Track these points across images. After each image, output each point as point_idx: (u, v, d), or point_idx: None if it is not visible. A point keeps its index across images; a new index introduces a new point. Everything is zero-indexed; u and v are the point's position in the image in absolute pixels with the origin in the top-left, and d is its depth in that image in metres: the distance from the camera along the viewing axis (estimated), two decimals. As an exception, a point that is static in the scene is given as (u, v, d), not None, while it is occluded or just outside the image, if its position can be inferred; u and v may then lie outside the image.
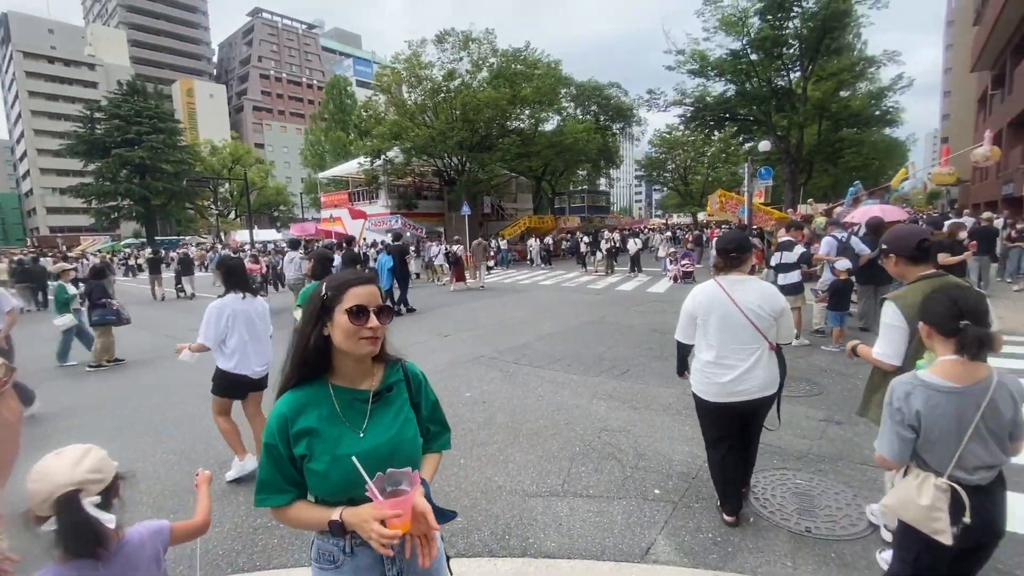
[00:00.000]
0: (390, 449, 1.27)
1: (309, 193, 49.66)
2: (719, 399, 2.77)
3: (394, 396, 1.35)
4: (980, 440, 1.63)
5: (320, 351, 1.26)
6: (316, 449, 1.22)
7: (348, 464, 1.18)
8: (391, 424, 1.30)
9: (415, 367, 1.46)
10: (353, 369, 1.30)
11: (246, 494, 3.49)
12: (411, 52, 25.31)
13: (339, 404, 1.26)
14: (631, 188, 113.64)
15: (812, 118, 24.27)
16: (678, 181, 45.27)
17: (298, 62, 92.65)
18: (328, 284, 1.28)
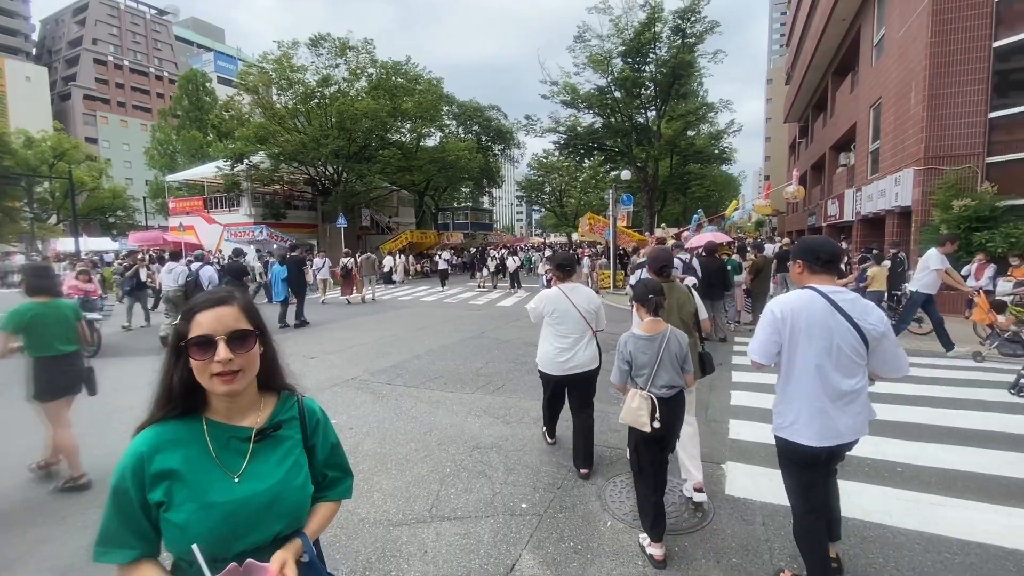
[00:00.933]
0: (271, 498, 1.09)
1: (155, 198, 43.60)
2: (562, 374, 3.79)
3: (283, 435, 1.16)
4: (663, 368, 2.73)
5: (187, 386, 1.07)
6: (177, 496, 1.02)
7: (217, 515, 1.02)
8: (275, 468, 1.12)
9: (313, 403, 1.28)
10: (228, 404, 1.11)
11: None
12: (281, 53, 23.72)
13: (213, 443, 1.08)
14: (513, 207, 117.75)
15: (665, 152, 27.38)
16: (554, 203, 47.99)
17: (145, 50, 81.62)
18: (184, 309, 1.11)
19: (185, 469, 1.05)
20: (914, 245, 12.12)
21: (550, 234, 65.67)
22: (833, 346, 2.23)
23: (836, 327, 2.23)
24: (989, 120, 11.29)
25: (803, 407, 2.30)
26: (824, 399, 2.27)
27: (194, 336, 1.05)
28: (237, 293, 1.17)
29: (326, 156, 23.23)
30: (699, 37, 23.54)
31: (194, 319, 1.07)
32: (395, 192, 31.21)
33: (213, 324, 1.06)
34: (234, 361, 1.06)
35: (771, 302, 2.47)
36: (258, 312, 1.18)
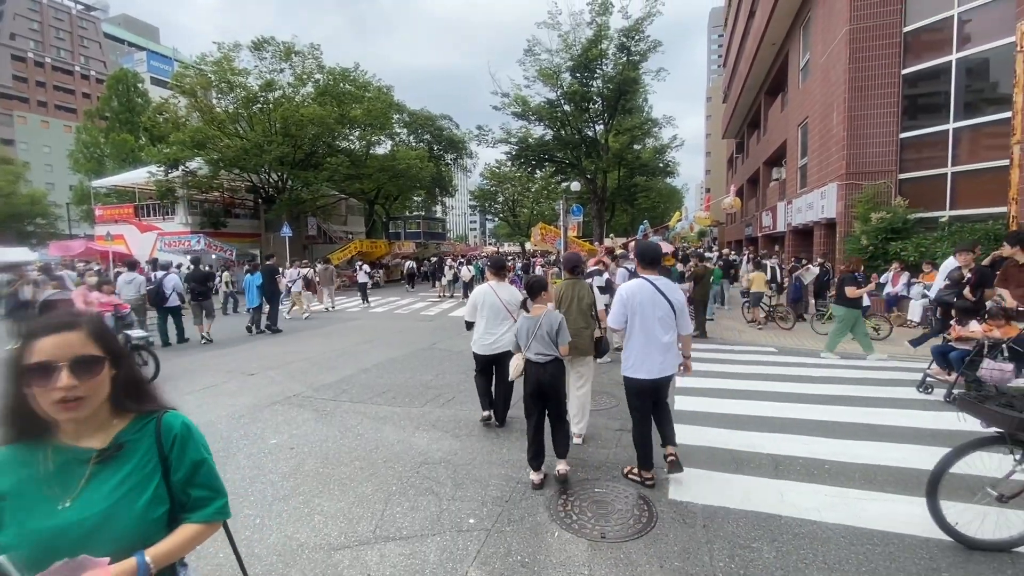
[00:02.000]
0: (98, 523, 1.04)
1: (80, 204, 40.49)
2: (487, 353, 4.83)
3: (125, 456, 1.12)
4: (539, 340, 3.68)
5: (25, 410, 1.03)
6: (4, 518, 1.01)
7: (36, 540, 0.99)
8: (111, 492, 1.08)
9: (175, 419, 1.21)
10: (76, 426, 1.08)
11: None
12: (221, 55, 22.73)
13: (53, 465, 1.05)
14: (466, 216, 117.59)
15: (613, 165, 28.18)
16: (508, 212, 48.30)
17: (69, 47, 76.08)
18: (24, 333, 1.05)
19: (16, 491, 1.03)
20: (838, 254, 13.03)
21: (503, 243, 66.03)
22: (656, 313, 3.57)
23: (658, 302, 3.58)
24: (900, 140, 12.36)
25: (639, 353, 3.60)
26: (651, 348, 3.57)
27: (33, 362, 1.01)
28: (85, 317, 1.12)
29: (270, 163, 22.39)
30: (643, 55, 24.47)
31: (34, 345, 1.03)
32: (343, 200, 30.45)
33: (54, 350, 1.03)
34: (78, 388, 1.03)
35: (620, 288, 3.75)
36: (110, 335, 1.15)
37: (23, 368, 1.02)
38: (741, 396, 5.88)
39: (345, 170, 24.31)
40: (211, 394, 6.28)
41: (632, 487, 3.70)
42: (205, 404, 5.88)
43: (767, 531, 3.12)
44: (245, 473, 4.04)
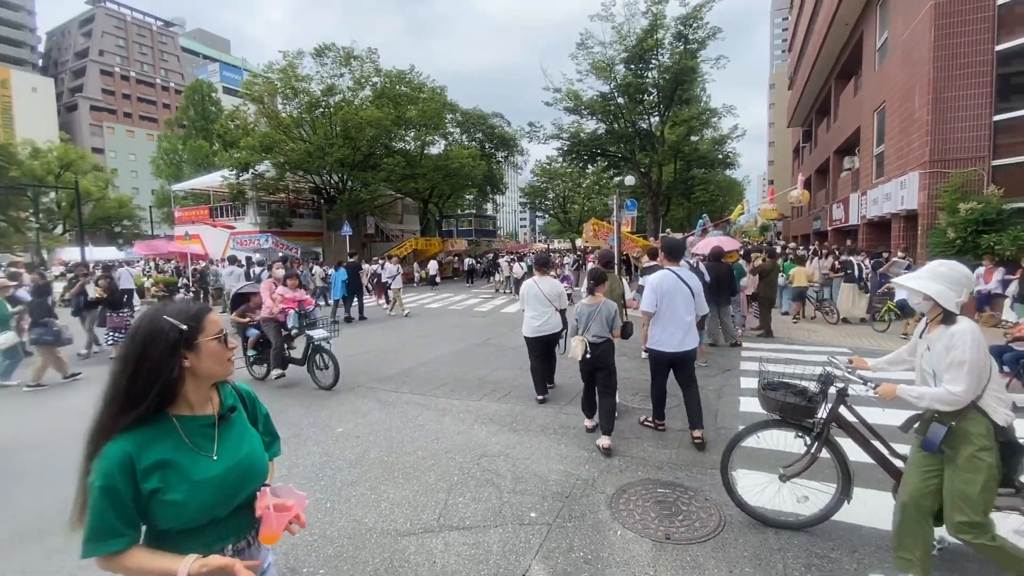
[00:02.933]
0: (247, 465, 1.32)
1: (161, 207, 43.93)
2: (535, 335, 5.58)
3: (236, 416, 1.39)
4: (597, 323, 4.32)
5: (172, 385, 1.23)
6: (172, 480, 1.19)
7: (207, 489, 1.22)
8: (241, 442, 1.35)
9: (241, 385, 1.50)
10: (197, 396, 1.30)
11: (54, 572, 2.83)
12: (286, 63, 23.92)
13: (185, 433, 1.25)
14: (516, 214, 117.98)
15: (669, 158, 27.36)
16: (558, 209, 47.99)
17: (151, 61, 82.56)
18: (178, 318, 1.24)
19: (173, 457, 1.21)
20: (920, 248, 12.04)
21: (554, 240, 65.72)
22: (680, 298, 4.40)
23: (681, 288, 4.41)
24: (994, 123, 11.24)
25: (664, 331, 4.41)
26: (675, 327, 4.39)
27: (219, 330, 1.32)
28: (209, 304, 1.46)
29: (331, 164, 23.35)
30: (701, 43, 23.55)
31: (208, 319, 1.30)
32: (399, 200, 31.32)
33: (220, 323, 1.33)
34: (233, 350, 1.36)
35: (650, 277, 4.57)
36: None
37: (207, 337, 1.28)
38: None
39: (401, 170, 25.00)
40: (282, 383, 6.68)
41: (696, 487, 3.59)
42: (276, 392, 6.26)
43: (847, 541, 2.94)
44: (315, 459, 4.25)
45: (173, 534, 1.22)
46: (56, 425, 5.34)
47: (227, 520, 1.29)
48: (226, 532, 1.29)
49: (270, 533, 1.27)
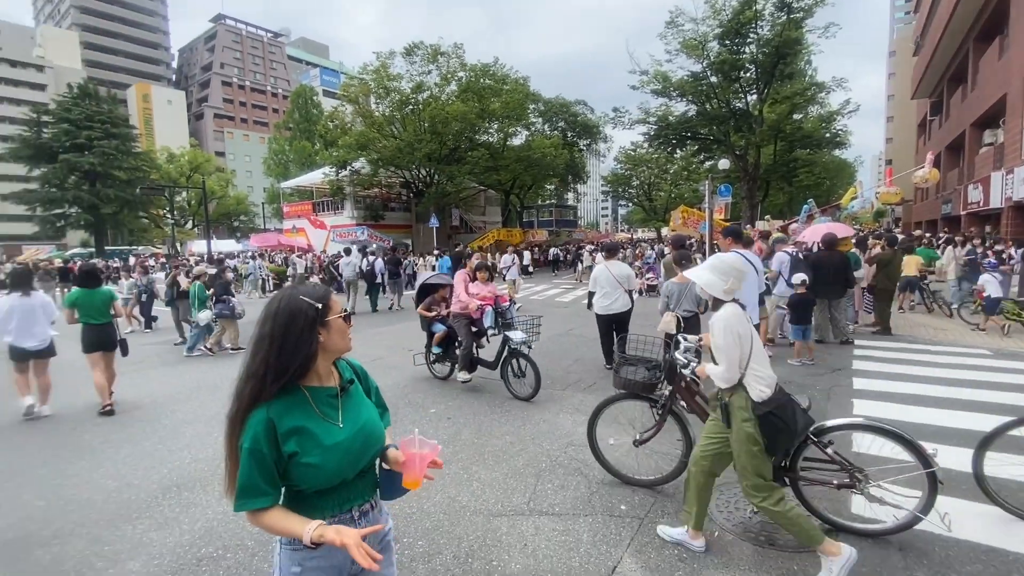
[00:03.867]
0: (367, 433, 1.44)
1: (271, 203, 48.38)
2: (605, 313, 6.31)
3: (354, 388, 1.51)
4: (687, 299, 5.18)
5: (310, 358, 1.36)
6: (307, 444, 1.31)
7: (337, 453, 1.34)
8: (360, 412, 1.46)
9: (353, 360, 1.62)
10: (324, 370, 1.44)
11: (189, 521, 3.26)
12: (379, 63, 25.21)
13: (315, 403, 1.38)
14: (598, 203, 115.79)
15: (768, 139, 25.38)
16: (643, 197, 46.39)
17: (263, 70, 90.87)
18: (311, 298, 1.38)
19: (306, 424, 1.34)
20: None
21: (637, 229, 63.71)
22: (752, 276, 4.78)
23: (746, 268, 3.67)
24: None
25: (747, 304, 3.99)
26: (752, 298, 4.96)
27: (342, 309, 1.46)
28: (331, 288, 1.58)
29: (419, 159, 24.36)
30: (807, 11, 21.50)
31: (332, 300, 1.43)
32: (482, 192, 31.99)
33: (341, 304, 1.48)
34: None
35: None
36: None
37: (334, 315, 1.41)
38: (942, 405, 4.93)
39: (484, 162, 25.49)
40: (379, 366, 7.13)
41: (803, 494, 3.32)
42: (374, 374, 6.68)
43: (988, 566, 2.59)
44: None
45: (309, 495, 1.36)
46: (202, 387, 6.12)
47: (354, 483, 1.42)
48: (353, 494, 1.42)
49: (413, 478, 1.39)
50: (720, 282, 2.63)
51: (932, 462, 2.63)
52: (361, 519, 1.43)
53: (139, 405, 5.85)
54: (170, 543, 3.04)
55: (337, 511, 1.38)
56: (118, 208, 43.99)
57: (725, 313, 2.61)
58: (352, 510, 1.42)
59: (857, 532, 2.88)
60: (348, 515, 1.40)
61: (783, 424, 2.53)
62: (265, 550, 2.93)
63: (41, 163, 42.03)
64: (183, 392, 6.36)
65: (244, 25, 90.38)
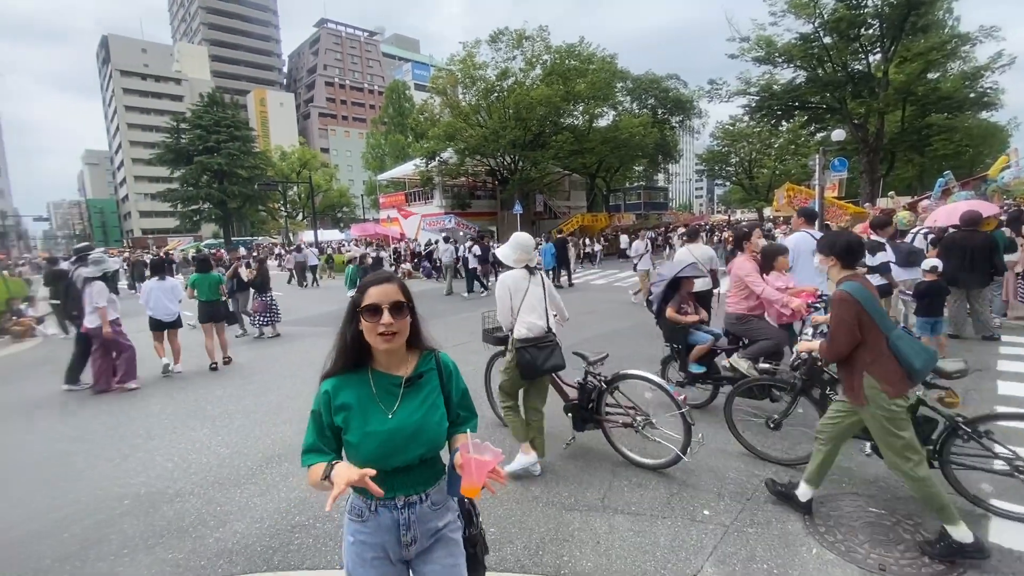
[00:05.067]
0: (414, 430, 1.40)
1: (369, 195, 51.49)
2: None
3: (424, 383, 1.48)
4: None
5: (358, 344, 1.42)
6: (351, 423, 1.38)
7: (374, 441, 1.36)
8: (418, 408, 1.44)
9: (447, 357, 1.58)
10: (386, 358, 1.44)
11: (287, 489, 3.55)
12: (465, 53, 25.59)
13: (376, 387, 1.42)
14: (691, 183, 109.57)
15: (894, 103, 22.26)
16: (742, 175, 43.01)
17: (360, 68, 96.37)
18: (359, 287, 1.44)
19: (356, 405, 1.39)
20: None
21: (735, 210, 59.39)
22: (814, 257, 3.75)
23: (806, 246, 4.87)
24: None
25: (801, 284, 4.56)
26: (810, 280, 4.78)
27: (368, 303, 1.37)
28: (395, 275, 1.51)
29: (504, 147, 24.50)
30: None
31: (367, 292, 1.39)
32: (567, 176, 31.50)
33: (380, 296, 1.38)
34: (393, 325, 1.37)
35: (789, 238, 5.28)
36: (408, 290, 1.48)
37: (360, 309, 1.39)
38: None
39: (569, 146, 25.02)
40: (462, 351, 7.30)
41: (927, 514, 2.87)
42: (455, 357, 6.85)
43: None
44: (488, 422, 4.54)
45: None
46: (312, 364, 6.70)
47: (393, 476, 1.39)
48: (397, 484, 1.41)
49: (470, 485, 1.32)
50: (512, 254, 3.58)
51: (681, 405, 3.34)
52: (406, 508, 1.43)
53: (253, 380, 6.52)
54: (270, 508, 3.34)
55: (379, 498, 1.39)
56: (241, 203, 49.47)
57: (503, 278, 3.58)
58: (396, 498, 1.42)
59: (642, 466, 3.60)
60: (392, 501, 1.42)
61: (530, 358, 3.44)
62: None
63: (180, 165, 48.33)
64: (291, 368, 6.98)
65: (343, 27, 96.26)
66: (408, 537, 1.43)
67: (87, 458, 4.30)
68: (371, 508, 1.42)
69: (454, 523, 1.54)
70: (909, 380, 2.54)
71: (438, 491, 1.48)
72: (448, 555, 1.50)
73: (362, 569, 1.43)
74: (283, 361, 7.54)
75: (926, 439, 2.89)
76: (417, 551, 1.46)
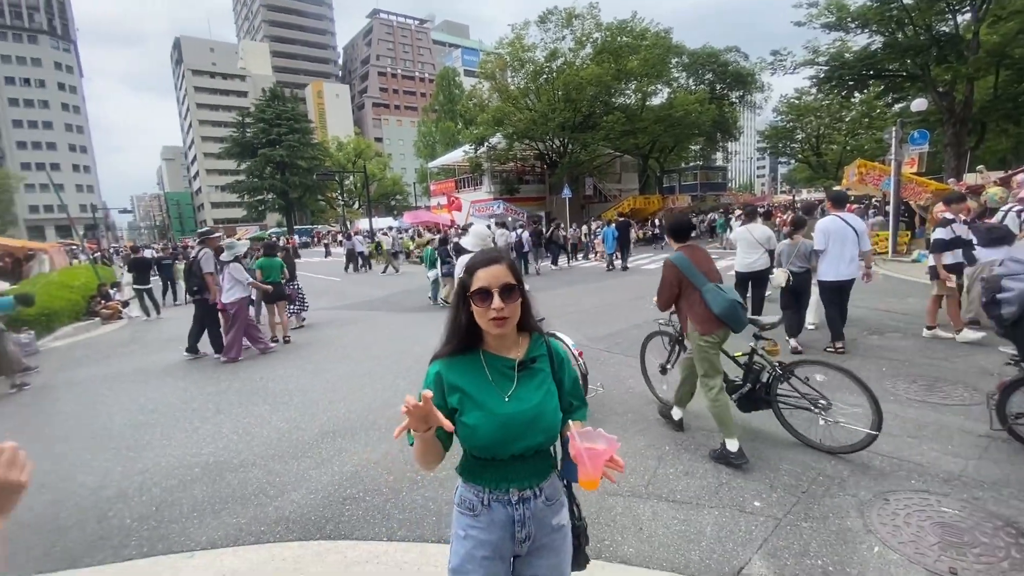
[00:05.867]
0: (532, 416, 1.33)
1: (421, 182, 52.46)
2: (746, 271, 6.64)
3: (537, 368, 1.41)
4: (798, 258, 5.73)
5: (470, 326, 1.36)
6: (467, 405, 1.33)
7: (493, 423, 1.30)
8: (534, 393, 1.37)
9: (558, 344, 1.50)
10: (497, 340, 1.39)
11: (340, 463, 3.73)
12: (514, 36, 25.33)
13: (489, 370, 1.37)
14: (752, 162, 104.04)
15: (986, 68, 20.01)
16: (809, 152, 40.25)
17: (411, 57, 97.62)
18: (466, 266, 1.39)
19: (470, 387, 1.34)
20: None
21: (801, 189, 55.88)
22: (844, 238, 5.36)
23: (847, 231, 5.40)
24: None
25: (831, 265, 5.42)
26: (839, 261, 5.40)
27: (478, 287, 1.31)
28: (504, 254, 1.41)
29: (553, 130, 24.19)
30: None
31: (475, 274, 1.33)
32: (618, 158, 30.72)
33: (489, 279, 1.30)
34: (504, 309, 1.30)
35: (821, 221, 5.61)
36: (519, 270, 1.40)
37: (470, 293, 1.33)
38: None
39: (620, 127, 24.34)
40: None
41: (1003, 517, 2.63)
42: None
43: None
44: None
45: (473, 462, 1.38)
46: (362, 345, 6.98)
47: (509, 465, 1.34)
48: (511, 475, 1.35)
49: (587, 477, 1.23)
50: (472, 241, 4.44)
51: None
52: (520, 504, 1.35)
53: (310, 360, 6.86)
54: (324, 480, 3.51)
55: (494, 487, 1.36)
56: (302, 193, 51.83)
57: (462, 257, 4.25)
58: (510, 491, 1.35)
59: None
60: (506, 495, 1.36)
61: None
62: (398, 497, 3.23)
63: (246, 158, 51.14)
64: (344, 351, 7.30)
65: (395, 16, 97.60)
66: (523, 534, 1.36)
67: (164, 428, 4.69)
68: (483, 502, 1.36)
69: (566, 518, 1.46)
70: (716, 322, 3.28)
71: (550, 485, 1.41)
72: (555, 553, 1.42)
73: (471, 566, 1.35)
74: (336, 344, 7.88)
75: (756, 381, 3.58)
76: (529, 548, 1.39)
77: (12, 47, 66.43)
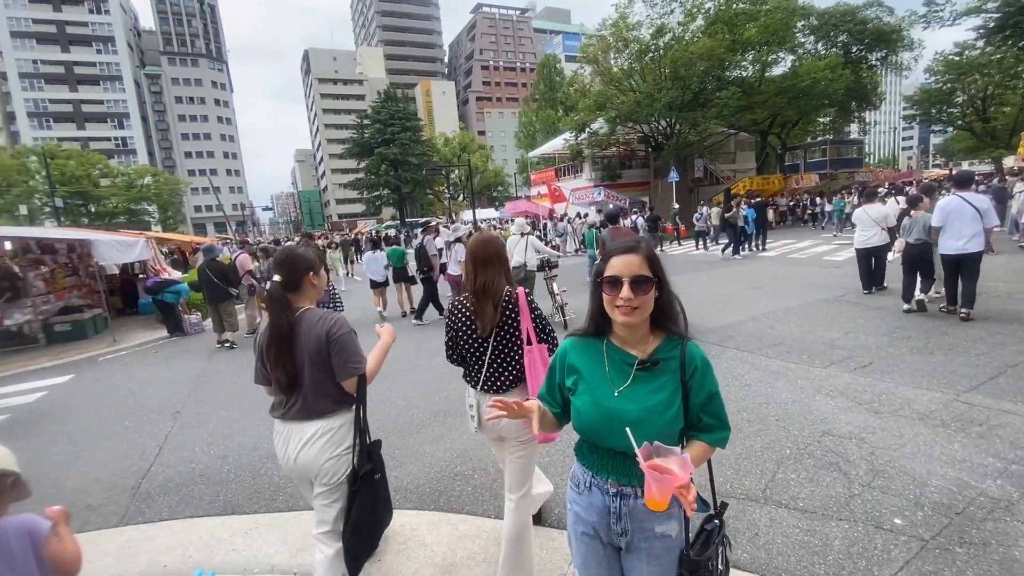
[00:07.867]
0: (638, 417, 1.26)
1: (522, 172, 53.07)
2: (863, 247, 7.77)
3: (660, 370, 1.32)
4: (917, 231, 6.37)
5: (601, 312, 1.37)
6: (579, 387, 1.38)
7: (602, 410, 1.31)
8: (648, 396, 1.30)
9: (697, 350, 1.35)
10: (624, 332, 1.36)
11: (451, 441, 3.97)
12: (618, 15, 24.44)
13: (608, 361, 1.36)
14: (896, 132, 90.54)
15: None
16: (972, 117, 33.85)
17: (513, 48, 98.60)
18: (604, 253, 1.39)
19: (586, 371, 1.37)
20: None
21: (959, 162, 47.47)
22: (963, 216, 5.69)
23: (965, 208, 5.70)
24: None
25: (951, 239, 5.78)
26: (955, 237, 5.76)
27: (609, 275, 1.31)
28: (643, 243, 1.37)
29: (659, 110, 22.99)
30: None
31: (609, 261, 1.33)
32: (732, 136, 28.41)
33: (622, 267, 1.29)
34: (633, 300, 1.27)
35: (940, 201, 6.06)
36: (659, 262, 1.34)
37: (602, 279, 1.34)
38: None
39: (735, 102, 22.40)
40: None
41: None
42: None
43: None
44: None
45: (580, 441, 1.44)
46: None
47: (610, 456, 1.33)
48: (610, 466, 1.34)
49: (651, 497, 1.14)
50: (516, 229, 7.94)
51: None
52: (618, 498, 1.32)
53: (425, 344, 7.32)
54: (436, 456, 3.78)
55: (595, 472, 1.36)
56: (412, 188, 55.11)
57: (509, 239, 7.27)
58: (609, 480, 1.33)
59: None
60: (605, 484, 1.34)
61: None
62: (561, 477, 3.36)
63: (364, 157, 55.45)
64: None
65: (497, 9, 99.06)
66: (619, 528, 1.33)
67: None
68: (586, 483, 1.38)
69: (675, 535, 1.34)
70: None
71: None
72: (655, 561, 1.33)
73: (574, 539, 1.44)
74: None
75: None
76: (628, 544, 1.34)
77: (179, 71, 78.26)
